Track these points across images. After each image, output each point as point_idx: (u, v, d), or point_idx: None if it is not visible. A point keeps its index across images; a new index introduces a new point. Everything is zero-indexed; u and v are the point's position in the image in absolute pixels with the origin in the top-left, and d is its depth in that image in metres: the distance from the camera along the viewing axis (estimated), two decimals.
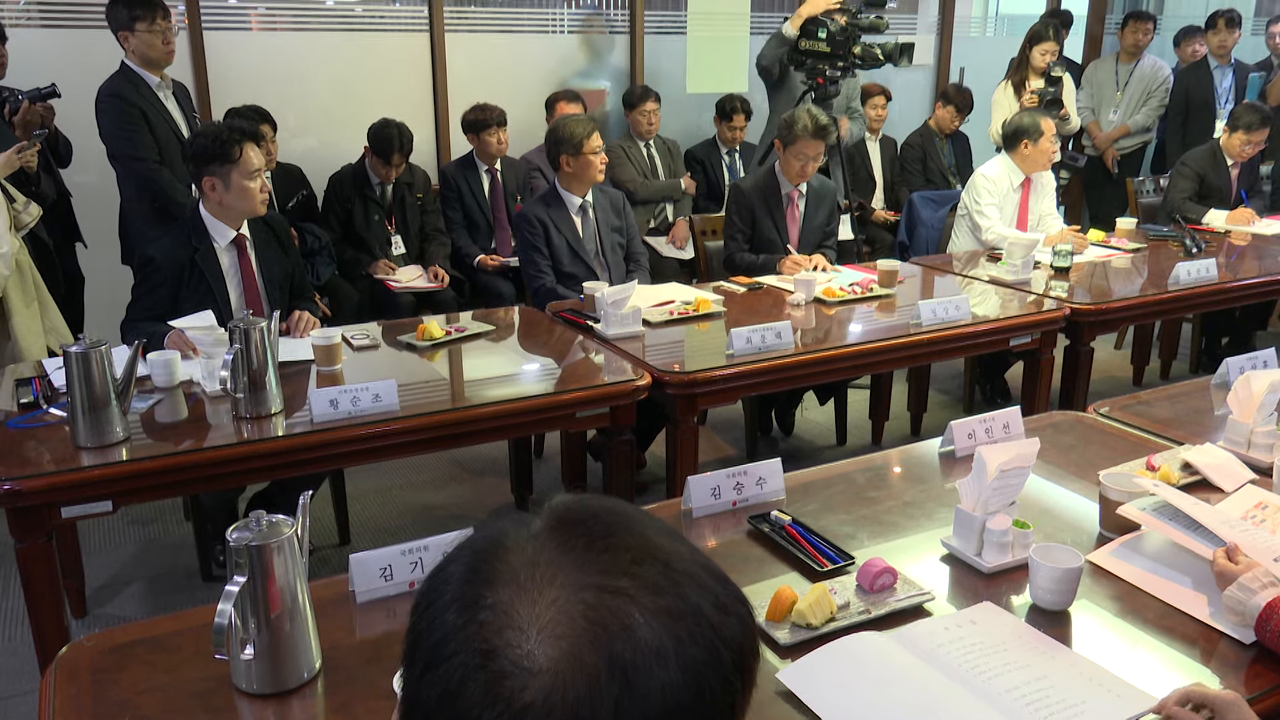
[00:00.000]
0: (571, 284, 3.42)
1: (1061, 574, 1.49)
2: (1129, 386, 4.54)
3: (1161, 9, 7.49)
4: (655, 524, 0.64)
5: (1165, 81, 5.99)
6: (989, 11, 7.47)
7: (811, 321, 3.15)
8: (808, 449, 3.99)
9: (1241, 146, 4.65)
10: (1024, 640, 1.43)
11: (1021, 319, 3.19)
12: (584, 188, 3.48)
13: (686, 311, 3.11)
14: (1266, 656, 1.44)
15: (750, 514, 1.82)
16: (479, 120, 4.54)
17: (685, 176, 5.17)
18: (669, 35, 5.59)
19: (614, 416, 2.60)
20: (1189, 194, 4.70)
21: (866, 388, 4.04)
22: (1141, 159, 6.17)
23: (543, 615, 0.55)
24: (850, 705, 1.29)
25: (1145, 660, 1.44)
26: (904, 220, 4.78)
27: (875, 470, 2.09)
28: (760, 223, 3.78)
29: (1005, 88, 5.49)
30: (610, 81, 5.54)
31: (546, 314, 3.20)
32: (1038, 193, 4.26)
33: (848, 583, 1.58)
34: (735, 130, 5.22)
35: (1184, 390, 2.58)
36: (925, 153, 5.52)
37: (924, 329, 3.01)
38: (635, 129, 5.11)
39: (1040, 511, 1.85)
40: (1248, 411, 2.05)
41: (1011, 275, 3.55)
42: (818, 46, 4.40)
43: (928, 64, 6.52)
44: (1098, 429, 2.29)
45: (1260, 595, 1.43)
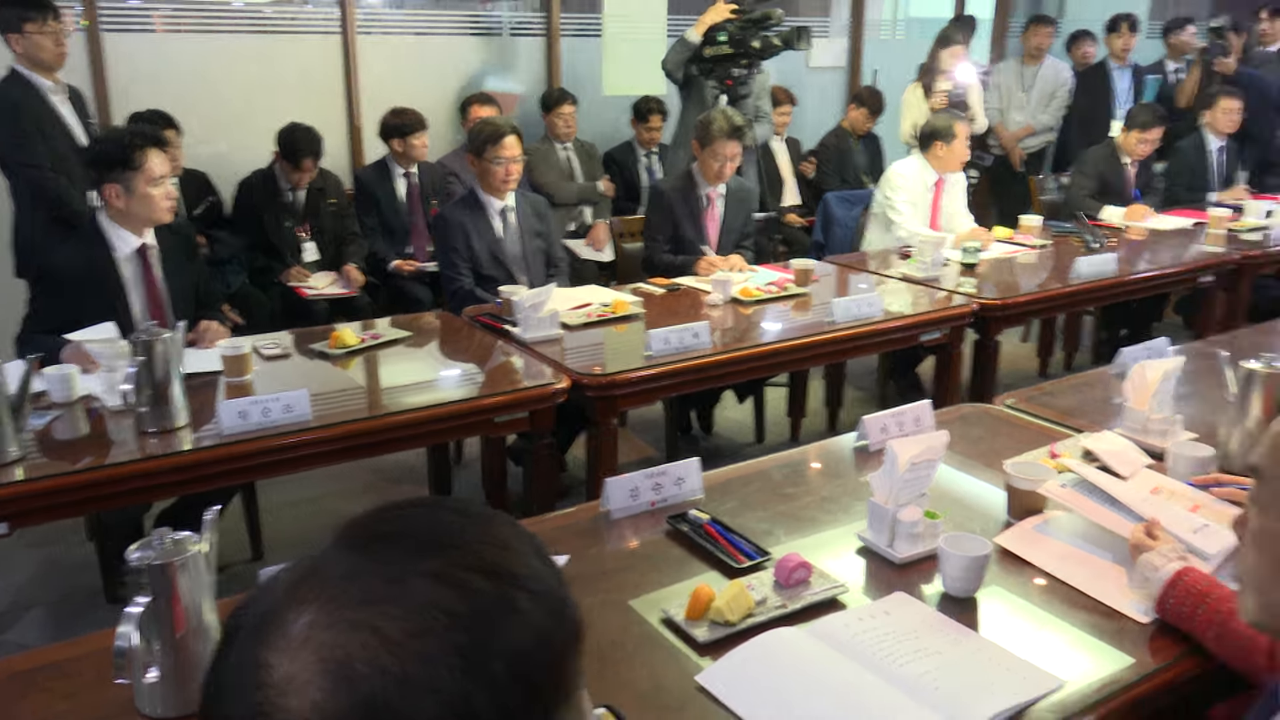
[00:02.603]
0: (490, 287, 3.39)
1: (969, 561, 1.54)
2: (1035, 378, 4.68)
3: (1062, 13, 7.74)
4: (462, 518, 0.59)
5: (1066, 83, 6.21)
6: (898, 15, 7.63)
7: (729, 321, 3.18)
8: (728, 447, 4.03)
9: (1137, 145, 4.84)
10: (935, 627, 1.47)
11: (932, 315, 3.26)
12: (500, 192, 3.46)
13: (605, 314, 3.11)
14: (1167, 632, 1.49)
15: (669, 514, 1.83)
16: (399, 125, 4.48)
17: (603, 179, 5.18)
18: (585, 38, 5.59)
19: (533, 420, 2.59)
20: (1089, 191, 4.88)
21: (784, 385, 4.09)
22: (1044, 158, 6.37)
23: (293, 664, 0.51)
24: (767, 702, 1.30)
25: (1050, 641, 1.48)
26: (819, 219, 4.86)
27: (792, 466, 2.12)
28: (680, 224, 3.81)
29: (915, 89, 5.62)
30: (527, 84, 5.52)
31: (464, 319, 3.17)
32: (949, 192, 4.37)
33: (765, 578, 1.60)
34: (652, 132, 5.25)
35: (1085, 380, 2.68)
36: (840, 153, 5.62)
37: (838, 326, 3.07)
38: (552, 132, 5.10)
39: (951, 502, 1.90)
40: (1143, 399, 2.13)
41: (922, 272, 3.64)
42: (722, 50, 4.46)
43: (840, 66, 6.64)
44: (1004, 420, 2.36)
45: (1165, 569, 1.49)
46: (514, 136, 3.39)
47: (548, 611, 0.56)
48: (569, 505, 1.96)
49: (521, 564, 0.57)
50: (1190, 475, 1.92)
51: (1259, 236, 4.33)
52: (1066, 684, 1.37)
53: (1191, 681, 1.44)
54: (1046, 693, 1.34)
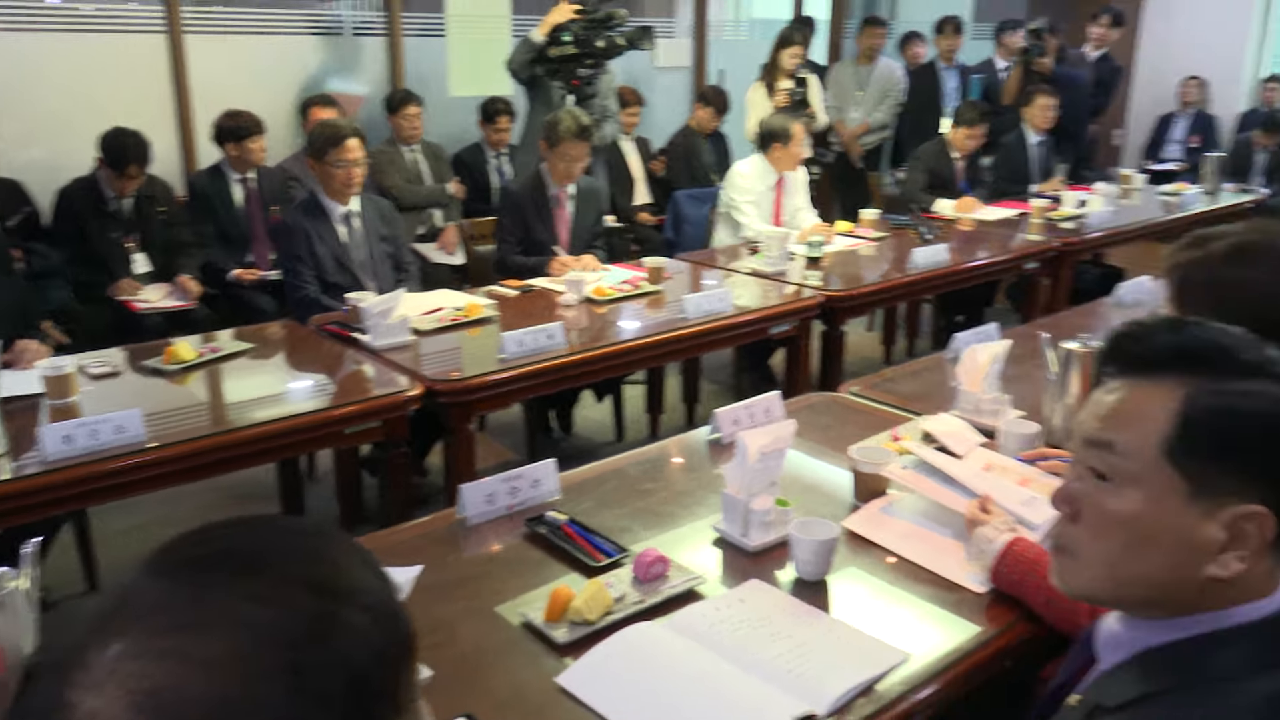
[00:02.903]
0: (337, 295, 3.29)
1: (818, 545, 1.59)
2: (880, 365, 4.88)
3: (894, 15, 8.09)
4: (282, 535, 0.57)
5: (899, 82, 6.49)
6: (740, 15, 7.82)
7: (583, 321, 3.18)
8: (588, 446, 4.04)
9: (965, 141, 5.12)
10: (788, 611, 1.51)
11: (780, 308, 3.36)
12: (343, 196, 3.36)
13: (458, 318, 3.07)
14: (1002, 600, 1.58)
15: (527, 516, 1.82)
16: (235, 128, 4.29)
17: (453, 181, 5.11)
18: (429, 38, 5.49)
19: (386, 430, 2.53)
20: (921, 185, 5.12)
21: (642, 383, 4.14)
22: (882, 154, 6.65)
23: (98, 700, 0.49)
24: (627, 698, 1.31)
25: (897, 616, 1.55)
26: (670, 218, 4.93)
27: (649, 462, 2.14)
28: (531, 225, 3.79)
29: (758, 88, 5.77)
30: (370, 85, 5.38)
31: (310, 328, 3.07)
32: (791, 189, 4.50)
33: (623, 575, 1.61)
34: (501, 133, 5.21)
35: (924, 366, 2.81)
36: (688, 152, 5.71)
37: (690, 322, 3.12)
38: (398, 134, 4.99)
39: (802, 489, 1.96)
40: (975, 381, 2.25)
41: (770, 267, 3.74)
42: (566, 51, 4.48)
43: (686, 66, 6.74)
44: (851, 407, 2.45)
45: (998, 541, 1.58)
46: (356, 139, 3.30)
47: (378, 624, 0.55)
48: (428, 514, 1.92)
49: (348, 578, 0.56)
50: (1019, 451, 2.04)
51: (1075, 225, 4.64)
52: (912, 656, 1.43)
53: (1025, 645, 1.53)
54: (893, 666, 1.40)
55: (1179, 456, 0.93)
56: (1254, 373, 0.94)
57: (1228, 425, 0.93)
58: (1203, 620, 0.94)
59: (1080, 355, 2.05)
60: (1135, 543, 0.96)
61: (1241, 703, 0.87)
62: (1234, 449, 0.93)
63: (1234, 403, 0.93)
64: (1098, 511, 0.99)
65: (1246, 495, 0.92)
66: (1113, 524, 0.97)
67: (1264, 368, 0.95)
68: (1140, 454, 0.95)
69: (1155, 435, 0.94)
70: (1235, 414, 0.93)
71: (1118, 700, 0.92)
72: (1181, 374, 0.96)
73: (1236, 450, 0.93)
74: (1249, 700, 0.87)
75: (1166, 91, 8.00)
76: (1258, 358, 0.96)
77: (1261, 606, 0.93)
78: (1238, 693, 0.88)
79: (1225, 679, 0.89)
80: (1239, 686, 0.88)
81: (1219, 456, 0.93)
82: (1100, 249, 5.12)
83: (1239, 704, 0.87)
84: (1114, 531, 0.97)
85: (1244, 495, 0.92)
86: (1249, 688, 0.88)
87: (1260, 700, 0.87)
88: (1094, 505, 0.99)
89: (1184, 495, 0.93)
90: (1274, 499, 0.92)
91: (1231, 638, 0.92)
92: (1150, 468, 0.95)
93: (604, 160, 4.80)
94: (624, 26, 4.54)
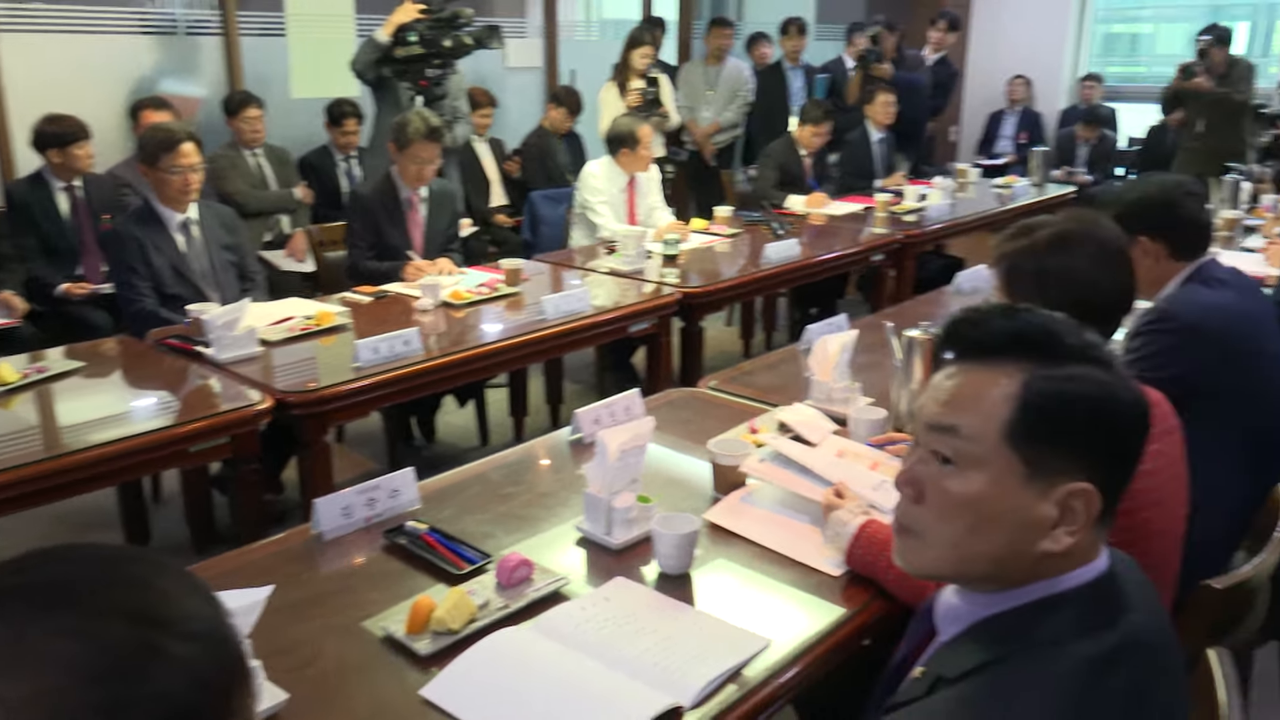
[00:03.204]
0: (177, 307, 3.13)
1: (679, 539, 1.61)
2: (740, 358, 4.98)
3: (740, 16, 8.27)
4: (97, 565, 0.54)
5: (747, 82, 6.64)
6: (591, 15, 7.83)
7: (441, 325, 3.13)
8: (452, 453, 3.98)
9: (811, 138, 5.28)
10: (653, 606, 1.53)
11: (639, 306, 3.38)
12: (179, 204, 3.20)
13: (308, 327, 2.97)
14: (857, 581, 1.64)
15: (386, 528, 1.78)
16: (57, 133, 4.01)
17: (300, 185, 4.94)
18: (268, 37, 5.29)
19: (235, 446, 2.42)
20: (772, 182, 5.26)
21: (504, 386, 4.10)
22: (734, 152, 6.79)
23: None
24: (492, 705, 1.30)
25: (760, 604, 1.59)
26: (527, 219, 4.90)
27: (511, 466, 2.12)
28: (382, 229, 3.70)
29: (611, 88, 5.80)
30: (207, 87, 5.14)
31: (149, 342, 2.91)
32: (643, 189, 4.54)
33: (487, 581, 1.59)
34: (349, 135, 5.07)
35: (780, 359, 2.88)
36: (543, 152, 5.69)
37: (550, 323, 3.11)
38: (239, 137, 4.79)
39: (664, 484, 1.98)
40: (826, 371, 2.32)
41: (627, 266, 3.76)
42: (413, 51, 4.40)
43: (537, 66, 6.72)
44: (710, 401, 2.49)
45: (852, 524, 1.64)
46: (191, 143, 3.14)
47: (205, 652, 0.53)
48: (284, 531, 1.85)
49: (170, 606, 0.53)
50: (869, 437, 2.11)
51: (917, 218, 4.85)
52: (774, 642, 1.47)
53: (882, 622, 1.59)
54: (756, 653, 1.43)
55: (1018, 441, 0.98)
56: (1078, 357, 1.00)
57: (1059, 410, 0.98)
58: (1033, 589, 0.99)
59: (922, 342, 2.15)
60: (978, 523, 1.00)
61: (1065, 665, 0.92)
62: (1065, 431, 0.98)
63: (1063, 387, 0.98)
64: (941, 494, 1.02)
65: (1075, 474, 0.98)
66: (956, 506, 1.01)
67: (1086, 351, 1.01)
68: (983, 439, 0.99)
69: (997, 420, 0.99)
70: (1065, 398, 0.98)
71: (958, 670, 0.96)
72: (1018, 358, 1.00)
73: (1067, 433, 0.98)
74: (1072, 662, 0.92)
75: (996, 90, 8.46)
76: (1079, 342, 1.02)
77: (1084, 573, 0.99)
78: (1063, 655, 0.93)
79: (1053, 643, 0.95)
80: (1064, 650, 0.94)
81: (1052, 439, 0.98)
82: (940, 240, 5.36)
83: (1063, 666, 0.92)
84: (958, 513, 1.01)
85: (1073, 474, 0.98)
86: (1073, 650, 0.93)
87: (1081, 662, 0.92)
88: (938, 488, 1.03)
89: (1022, 477, 0.98)
90: (1099, 476, 0.98)
91: (1058, 604, 0.98)
92: (992, 451, 0.99)
93: (457, 162, 4.73)
94: (471, 26, 4.48)
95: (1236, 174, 4.88)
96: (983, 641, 0.98)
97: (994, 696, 0.92)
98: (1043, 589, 0.99)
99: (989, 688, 0.93)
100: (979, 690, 0.93)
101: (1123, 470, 1.02)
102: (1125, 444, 1.02)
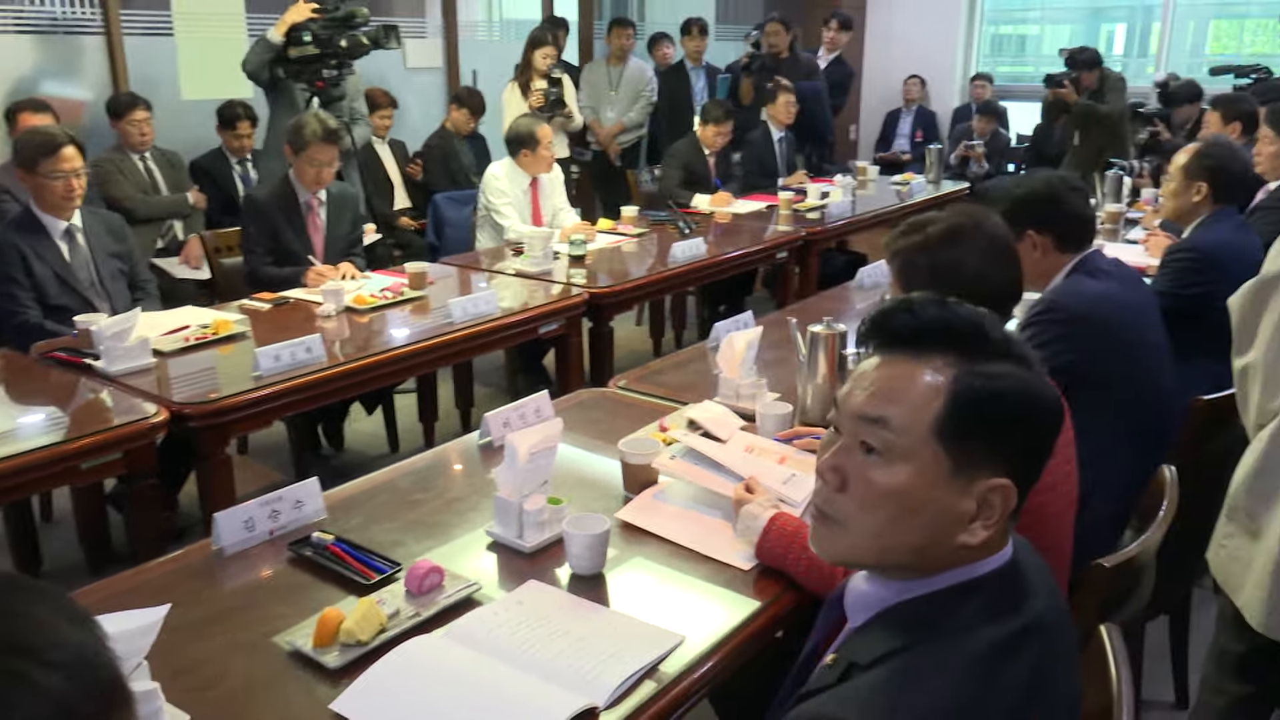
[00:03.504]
0: (63, 318, 3.00)
1: (591, 540, 1.61)
2: (651, 357, 5.01)
3: (642, 16, 8.30)
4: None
5: (650, 82, 6.67)
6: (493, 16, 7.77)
7: (345, 331, 3.07)
8: (361, 461, 3.90)
9: (714, 138, 5.34)
10: (566, 608, 1.52)
11: (547, 307, 3.37)
12: (62, 210, 3.07)
13: (204, 336, 2.88)
14: (768, 574, 1.66)
15: (290, 540, 1.73)
16: None
17: (193, 190, 4.77)
18: (155, 37, 5.10)
19: (129, 461, 2.33)
20: (677, 181, 5.29)
21: (413, 391, 4.04)
22: (639, 152, 6.81)
23: None
24: (407, 716, 1.28)
25: (674, 600, 1.60)
26: (431, 221, 4.84)
27: (419, 472, 2.09)
28: (281, 234, 3.60)
29: (513, 89, 5.76)
30: (90, 89, 4.93)
31: (33, 356, 2.78)
32: (547, 190, 4.52)
33: (397, 590, 1.57)
34: (242, 138, 4.91)
35: (689, 357, 2.90)
36: (446, 154, 5.62)
37: (457, 326, 3.07)
38: (126, 141, 4.60)
39: (574, 485, 1.97)
40: (734, 368, 2.35)
41: (535, 267, 3.74)
42: (307, 51, 4.30)
43: (438, 67, 6.63)
44: (620, 401, 2.49)
45: (762, 517, 1.66)
46: (72, 147, 3.01)
47: (73, 680, 0.51)
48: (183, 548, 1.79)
49: (40, 634, 0.52)
50: (776, 432, 2.14)
51: (819, 215, 4.94)
52: (688, 638, 1.48)
53: (794, 613, 1.62)
54: (671, 649, 1.44)
55: (946, 436, 0.99)
56: (1003, 353, 1.02)
57: (987, 408, 1.00)
58: (945, 577, 1.02)
59: (825, 337, 2.19)
60: (900, 514, 1.01)
61: (973, 650, 0.95)
62: (991, 429, 1.00)
63: (992, 385, 1.00)
64: (865, 484, 1.03)
65: (995, 470, 1.00)
66: (880, 496, 1.02)
67: (1009, 348, 1.03)
68: (911, 432, 1.00)
69: (926, 415, 1.00)
70: (993, 396, 1.00)
71: (870, 657, 0.98)
72: (945, 351, 1.01)
73: (993, 430, 1.00)
74: (976, 647, 0.95)
75: (893, 90, 8.69)
76: (1001, 336, 1.04)
77: (992, 561, 1.03)
78: (970, 640, 0.96)
79: (962, 629, 0.98)
80: (972, 634, 0.97)
81: (979, 436, 1.00)
82: (843, 236, 5.49)
83: (969, 651, 0.95)
84: (881, 504, 1.02)
85: (993, 470, 1.00)
86: (979, 634, 0.96)
87: (986, 647, 0.95)
88: (862, 478, 1.03)
89: (947, 471, 1.00)
90: (1017, 472, 1.01)
91: (968, 591, 1.01)
92: (920, 445, 1.00)
93: (357, 164, 4.64)
94: (367, 25, 4.40)
95: (1119, 170, 5.10)
96: (893, 628, 1.01)
97: (906, 681, 0.94)
98: (954, 577, 1.02)
99: (901, 673, 0.95)
100: (892, 675, 0.95)
101: (1038, 466, 1.04)
102: (1043, 441, 1.04)
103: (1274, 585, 1.72)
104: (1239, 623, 1.83)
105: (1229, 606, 1.87)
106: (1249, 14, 8.16)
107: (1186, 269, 2.82)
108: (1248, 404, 1.85)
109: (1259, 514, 1.77)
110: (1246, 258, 2.85)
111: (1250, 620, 1.77)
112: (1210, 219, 2.93)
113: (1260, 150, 3.51)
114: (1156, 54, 8.15)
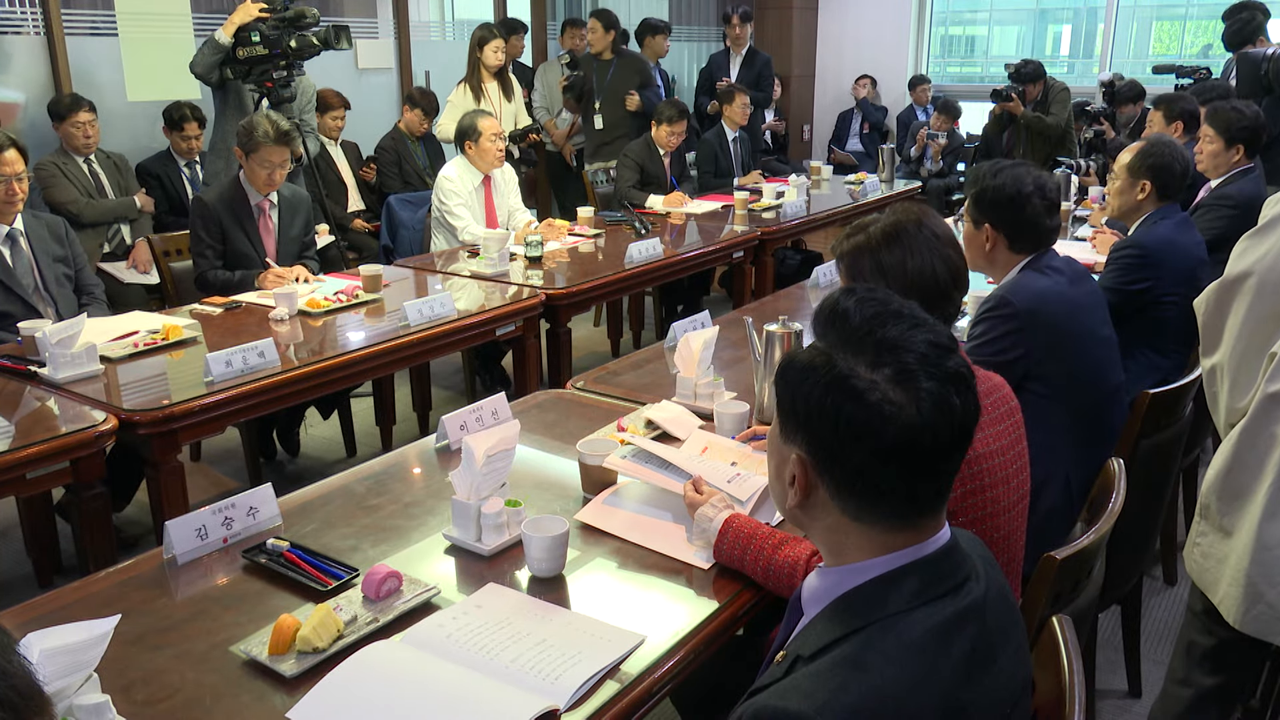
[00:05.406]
0: (6, 325, 2.94)
1: (549, 542, 1.60)
2: (609, 358, 5.01)
3: None
4: None
5: None
6: (446, 16, 7.71)
7: (299, 335, 3.03)
8: (317, 466, 3.86)
9: (668, 138, 5.34)
10: (526, 611, 1.51)
11: (504, 309, 3.35)
12: (3, 215, 2.99)
13: (154, 341, 2.82)
14: (726, 574, 1.67)
15: (244, 548, 1.71)
16: None
17: (140, 193, 4.69)
18: (98, 37, 5.00)
19: (77, 471, 2.28)
20: (633, 182, 5.30)
21: (370, 395, 4.00)
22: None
23: None
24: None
25: (633, 601, 1.60)
26: (384, 223, 4.79)
27: (375, 477, 2.07)
28: (231, 237, 3.55)
29: (464, 90, 5.71)
30: (29, 90, 4.82)
31: None
32: (500, 189, 4.49)
33: (354, 596, 1.55)
34: (190, 140, 4.84)
35: (646, 357, 2.90)
36: (399, 155, 5.57)
37: (413, 329, 3.05)
38: (70, 143, 4.51)
39: (532, 487, 1.97)
40: (691, 368, 2.36)
41: (490, 269, 3.72)
42: (255, 51, 4.24)
43: (390, 68, 6.58)
44: (578, 402, 2.49)
45: (717, 519, 1.67)
46: (13, 150, 2.95)
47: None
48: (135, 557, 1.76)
49: None
50: (734, 431, 2.15)
51: (774, 214, 4.97)
52: (648, 637, 1.48)
53: (753, 611, 1.63)
54: (632, 649, 1.44)
55: (778, 398, 1.08)
56: (862, 350, 1.02)
57: (788, 375, 1.06)
58: (878, 563, 1.04)
59: (780, 336, 2.20)
60: (775, 477, 1.11)
61: (910, 634, 0.98)
62: (790, 398, 1.05)
63: (801, 357, 1.05)
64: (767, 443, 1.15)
65: (797, 444, 1.04)
66: (768, 457, 1.15)
67: (877, 355, 1.01)
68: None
69: None
70: (799, 369, 1.05)
71: (814, 648, 1.00)
72: (826, 334, 1.08)
73: (791, 400, 1.05)
74: (912, 632, 0.98)
75: (845, 90, 8.76)
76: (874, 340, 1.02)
77: (926, 547, 1.04)
78: (907, 625, 0.99)
79: (897, 613, 1.00)
80: (909, 619, 0.99)
81: (783, 403, 1.06)
82: (798, 235, 5.52)
83: (905, 636, 0.98)
84: (769, 463, 1.14)
85: (797, 445, 1.04)
86: (913, 619, 0.99)
87: (921, 631, 0.98)
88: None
89: (778, 433, 1.08)
90: (812, 455, 1.03)
91: (902, 576, 1.03)
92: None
93: (308, 166, 4.58)
94: (316, 26, 4.35)
95: (1065, 169, 5.20)
96: (834, 619, 1.03)
97: (846, 668, 0.96)
98: (886, 564, 1.03)
99: (840, 661, 0.97)
100: (832, 664, 0.97)
101: (832, 462, 1.02)
102: (839, 439, 1.01)
103: (1248, 582, 1.74)
104: (1209, 617, 1.85)
105: (1198, 600, 1.89)
106: (1190, 15, 8.36)
107: (1130, 265, 2.87)
108: (1217, 404, 1.88)
109: (1230, 512, 1.79)
110: (1189, 254, 2.92)
111: (1227, 617, 1.79)
112: (1154, 216, 2.99)
113: (1202, 149, 3.60)
114: (1101, 54, 8.31)
